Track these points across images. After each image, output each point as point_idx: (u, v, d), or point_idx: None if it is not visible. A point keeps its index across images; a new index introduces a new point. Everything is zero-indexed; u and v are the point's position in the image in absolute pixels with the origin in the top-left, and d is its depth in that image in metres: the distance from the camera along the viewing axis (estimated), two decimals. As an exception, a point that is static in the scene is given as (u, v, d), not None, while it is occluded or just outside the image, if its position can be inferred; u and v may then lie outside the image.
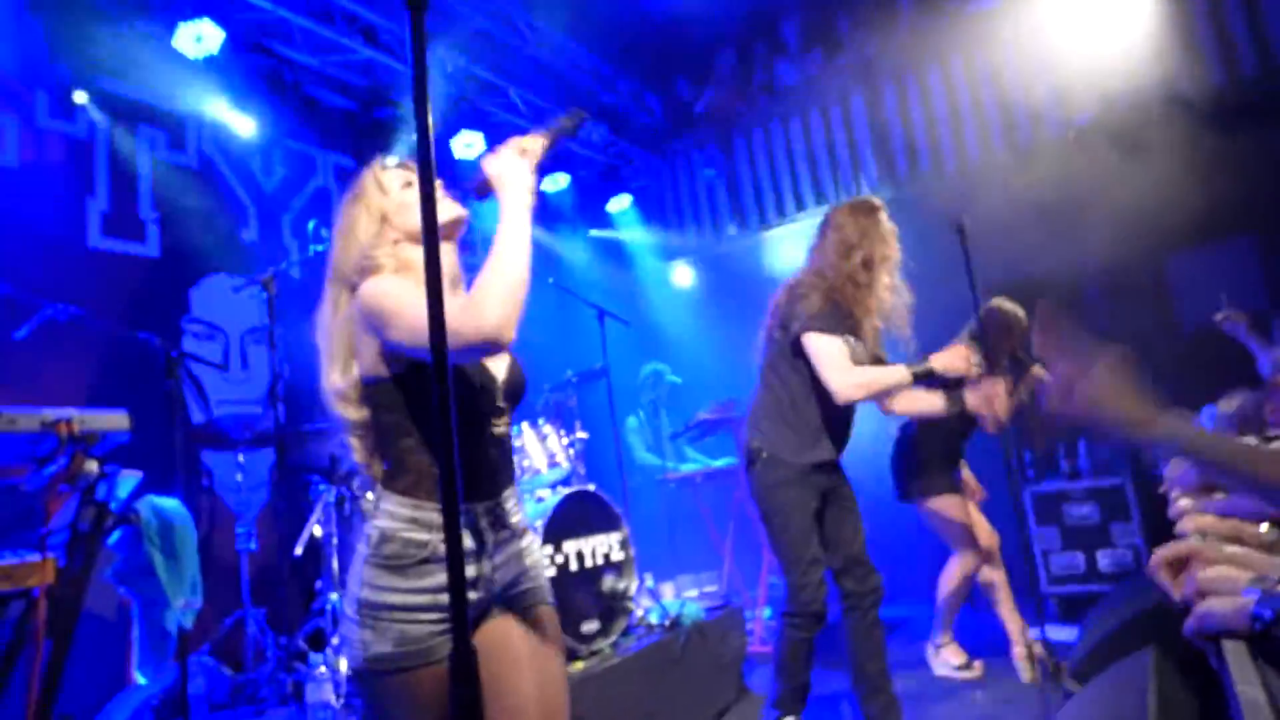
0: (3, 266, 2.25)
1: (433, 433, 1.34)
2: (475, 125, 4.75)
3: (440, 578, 1.33)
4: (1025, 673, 3.45)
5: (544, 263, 5.57)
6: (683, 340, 5.97)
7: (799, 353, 2.65)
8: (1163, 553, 1.49)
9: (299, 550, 3.13)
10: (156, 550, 2.05)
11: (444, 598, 1.33)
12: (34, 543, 1.60)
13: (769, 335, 2.78)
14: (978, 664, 3.63)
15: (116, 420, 1.63)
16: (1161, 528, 2.36)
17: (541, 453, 3.70)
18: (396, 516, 1.37)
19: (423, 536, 1.36)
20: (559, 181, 5.54)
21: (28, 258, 3.41)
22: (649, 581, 3.66)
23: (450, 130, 4.66)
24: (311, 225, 3.77)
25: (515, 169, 1.41)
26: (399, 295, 1.35)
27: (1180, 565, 1.45)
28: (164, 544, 2.06)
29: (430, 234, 0.93)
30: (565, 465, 3.76)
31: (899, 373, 2.59)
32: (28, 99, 3.66)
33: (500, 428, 1.48)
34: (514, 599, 1.49)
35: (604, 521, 3.49)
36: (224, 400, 4.07)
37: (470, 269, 1.48)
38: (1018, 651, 3.52)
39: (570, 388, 4.25)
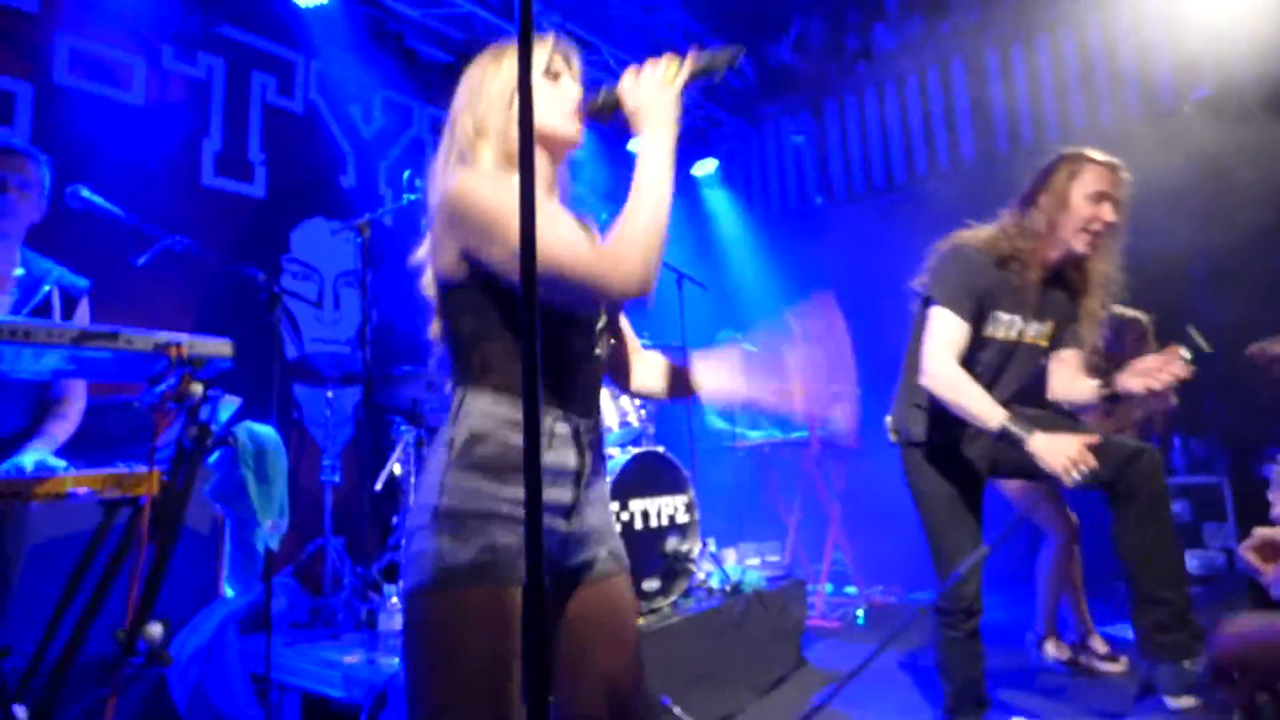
0: (126, 197, 2.39)
1: (511, 330, 1.23)
2: (566, 82, 4.74)
3: (548, 491, 1.21)
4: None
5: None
6: (762, 307, 5.89)
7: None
8: (1259, 533, 1.44)
9: (379, 486, 3.27)
10: (250, 472, 2.17)
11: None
12: (144, 456, 1.71)
13: None
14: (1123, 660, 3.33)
15: (221, 348, 1.71)
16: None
17: (614, 410, 3.74)
18: (492, 416, 1.23)
19: (519, 439, 1.20)
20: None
21: (149, 191, 3.62)
22: (711, 546, 3.68)
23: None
24: (406, 175, 3.87)
25: (661, 98, 1.27)
26: (500, 204, 1.17)
27: (1273, 551, 1.39)
28: (257, 467, 2.18)
29: (527, 198, 0.89)
30: (636, 424, 3.79)
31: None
32: (156, 43, 3.86)
33: (600, 350, 1.36)
34: (591, 559, 1.34)
35: (671, 483, 3.51)
36: (316, 338, 4.26)
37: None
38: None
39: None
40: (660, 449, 3.58)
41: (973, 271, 2.28)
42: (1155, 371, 2.16)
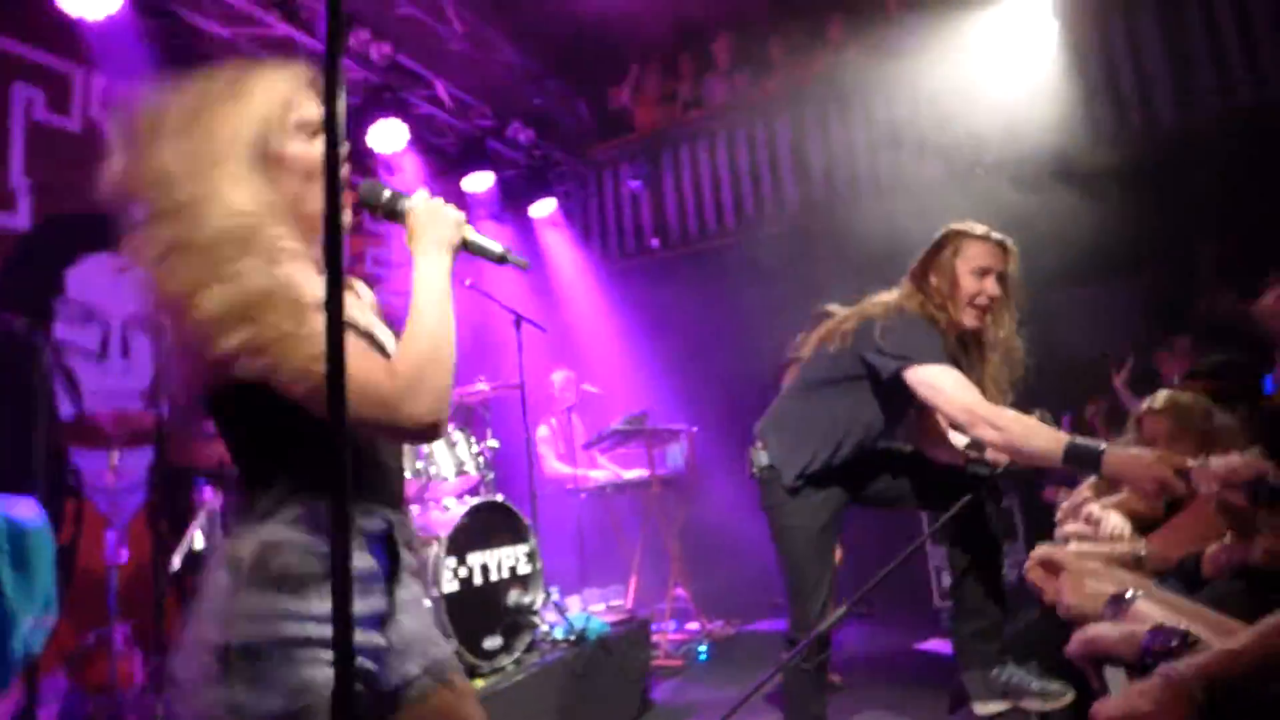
0: None
1: (314, 428, 0.97)
2: (398, 115, 4.55)
3: (359, 603, 1.04)
4: None
5: (461, 261, 5.39)
6: (600, 349, 5.90)
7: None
8: (1038, 553, 1.57)
9: (177, 562, 2.89)
10: (5, 561, 1.83)
11: (358, 630, 1.03)
12: None
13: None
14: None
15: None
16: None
17: (450, 460, 3.57)
18: (285, 518, 1.05)
19: (324, 546, 1.03)
20: (484, 181, 5.39)
21: None
22: (555, 595, 3.58)
23: (369, 118, 4.45)
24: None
25: (446, 227, 1.18)
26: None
27: (1052, 569, 1.52)
28: (14, 554, 1.84)
29: (334, 244, 0.72)
30: (474, 473, 3.64)
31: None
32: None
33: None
34: (420, 674, 1.18)
35: (511, 533, 3.39)
36: (99, 390, 3.73)
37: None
38: None
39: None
40: (499, 498, 3.45)
41: (931, 334, 2.31)
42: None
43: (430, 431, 1.06)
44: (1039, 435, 2.05)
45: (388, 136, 4.56)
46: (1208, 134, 4.62)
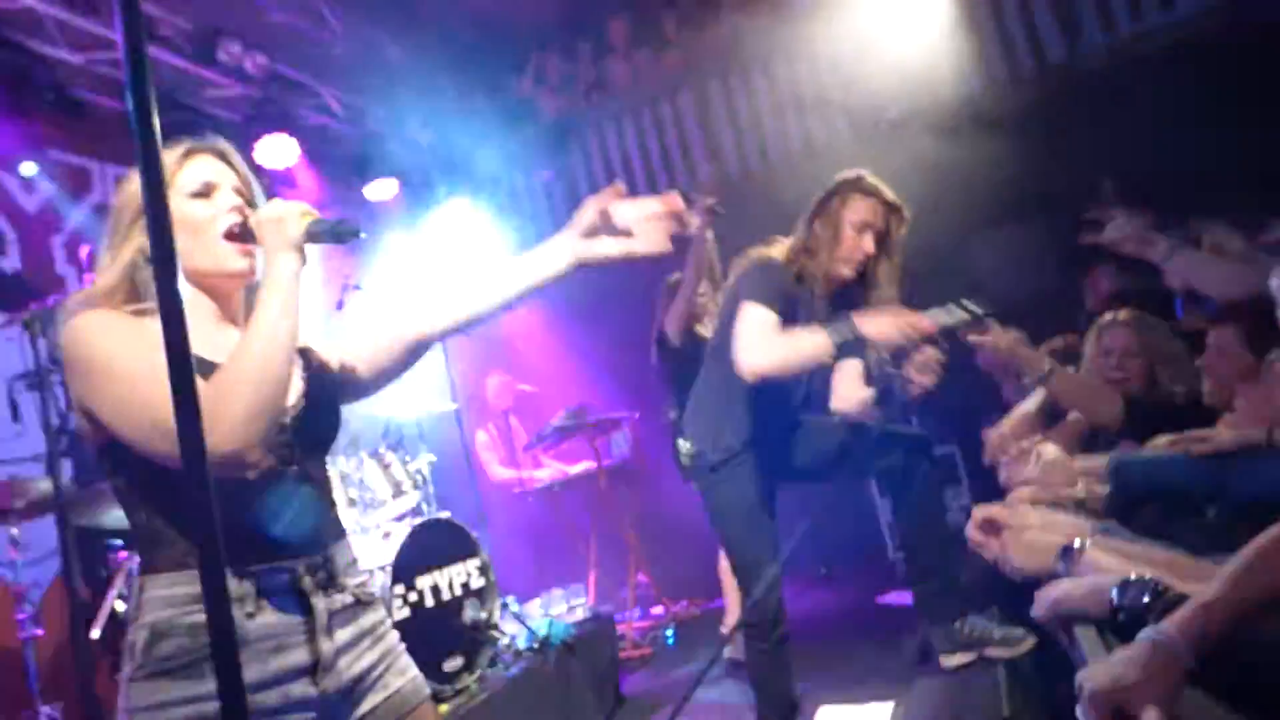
0: None
1: (181, 486, 1.02)
2: (286, 129, 4.32)
3: (246, 671, 1.03)
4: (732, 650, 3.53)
5: (376, 273, 5.21)
6: (531, 348, 5.79)
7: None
8: (979, 513, 1.57)
9: (96, 631, 2.70)
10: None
11: (259, 697, 1.04)
12: None
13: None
14: None
15: None
16: (989, 490, 2.52)
17: (385, 483, 3.45)
18: (172, 601, 1.04)
19: None
20: (388, 189, 5.19)
21: None
22: (513, 605, 3.50)
23: (254, 134, 4.21)
24: (89, 250, 3.27)
25: (290, 221, 1.12)
26: (111, 347, 1.03)
27: (994, 527, 1.53)
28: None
29: (166, 275, 0.69)
30: (413, 493, 3.52)
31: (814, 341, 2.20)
32: None
33: (294, 467, 1.16)
34: (378, 706, 1.19)
35: (459, 549, 3.29)
36: (-7, 460, 3.45)
37: None
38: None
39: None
40: (444, 515, 3.35)
41: (778, 278, 2.35)
42: (924, 364, 2.37)
43: (230, 461, 0.99)
44: (803, 340, 2.20)
45: (278, 152, 4.33)
46: (1096, 69, 4.77)
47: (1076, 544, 1.34)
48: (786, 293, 2.35)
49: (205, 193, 1.17)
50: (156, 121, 0.67)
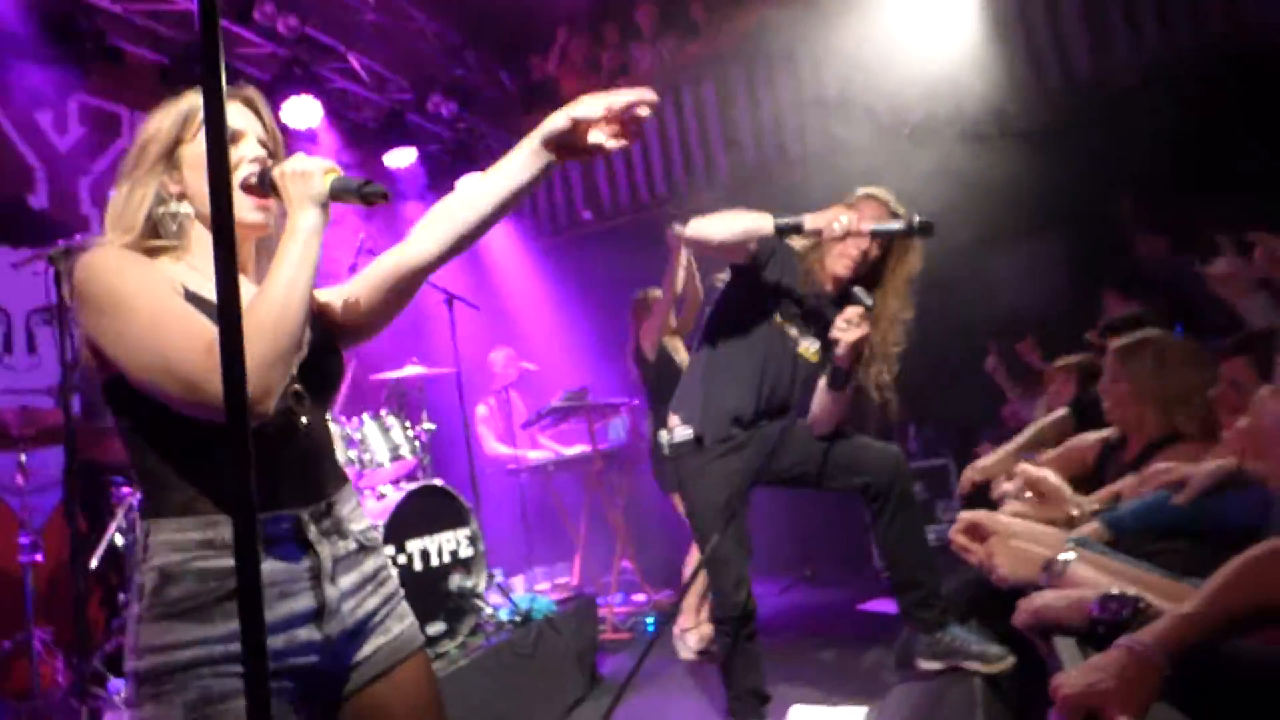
0: None
1: (191, 429, 1.02)
2: (311, 91, 4.37)
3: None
4: (682, 649, 3.72)
5: (391, 240, 5.25)
6: (536, 325, 5.84)
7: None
8: (964, 517, 1.60)
9: (95, 562, 2.78)
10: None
11: (286, 633, 1.09)
12: None
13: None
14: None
15: None
16: (981, 504, 2.55)
17: (384, 445, 3.50)
18: (180, 545, 1.05)
19: (224, 562, 1.05)
20: (406, 157, 5.24)
21: None
22: (498, 577, 3.55)
23: (281, 95, 4.27)
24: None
25: (316, 182, 1.11)
26: (128, 287, 1.03)
27: (978, 533, 1.55)
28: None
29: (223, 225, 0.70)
30: (410, 458, 3.57)
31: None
32: None
33: (303, 416, 1.16)
34: (379, 648, 1.21)
35: (451, 517, 3.34)
36: (7, 390, 3.53)
37: None
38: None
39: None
40: (438, 482, 3.40)
41: (786, 252, 2.48)
42: (844, 331, 2.35)
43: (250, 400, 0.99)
44: (744, 216, 2.34)
45: (302, 113, 4.38)
46: (1123, 87, 4.76)
47: (1061, 558, 1.37)
48: (792, 276, 2.46)
49: (231, 139, 1.17)
50: (224, 80, 0.69)
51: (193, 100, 1.20)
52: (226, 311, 0.69)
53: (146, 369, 0.99)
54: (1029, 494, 2.18)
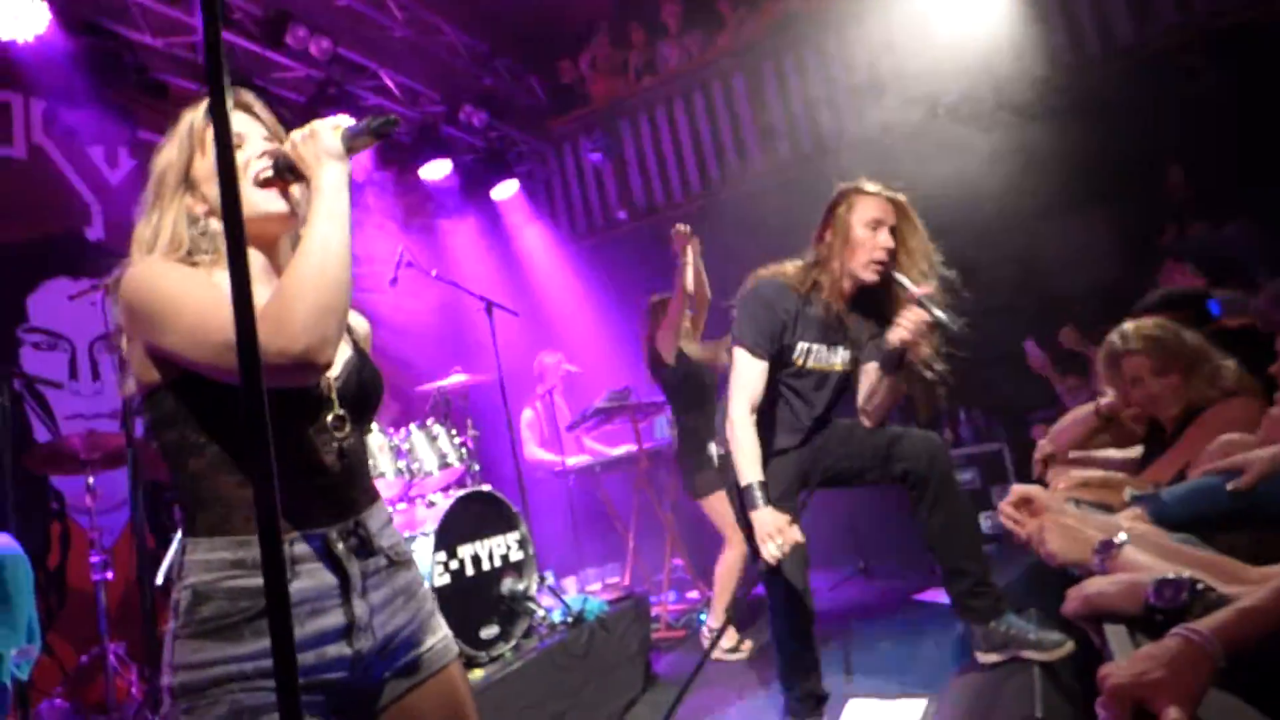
0: None
1: (233, 446, 1.08)
2: (345, 110, 4.48)
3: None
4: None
5: (430, 252, 5.35)
6: (575, 328, 5.87)
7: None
8: (1017, 490, 1.55)
9: (160, 578, 2.88)
10: (-18, 596, 1.82)
11: (316, 650, 1.10)
12: None
13: None
14: (747, 644, 3.78)
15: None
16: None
17: (432, 454, 3.56)
18: (213, 565, 1.07)
19: (254, 582, 1.06)
20: (441, 169, 5.32)
21: None
22: (549, 579, 3.58)
23: (316, 114, 4.36)
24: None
25: (327, 138, 1.12)
26: (174, 284, 1.07)
27: (1030, 508, 1.51)
28: (-9, 588, 1.83)
29: (234, 234, 0.75)
30: (458, 465, 3.63)
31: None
32: None
33: (342, 440, 1.18)
34: (411, 661, 1.22)
35: (500, 521, 3.38)
36: (75, 416, 3.70)
37: None
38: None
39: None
40: (486, 487, 3.44)
41: (769, 312, 2.41)
42: (905, 322, 2.30)
43: (302, 361, 1.01)
44: (744, 459, 2.32)
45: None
46: (1166, 57, 4.58)
47: (1116, 539, 1.32)
48: (780, 322, 2.40)
49: (236, 144, 1.16)
50: (230, 102, 0.74)
51: (191, 118, 1.23)
52: (240, 306, 0.75)
53: (210, 349, 1.02)
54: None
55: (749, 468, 2.31)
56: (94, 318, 3.84)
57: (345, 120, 1.15)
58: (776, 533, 2.19)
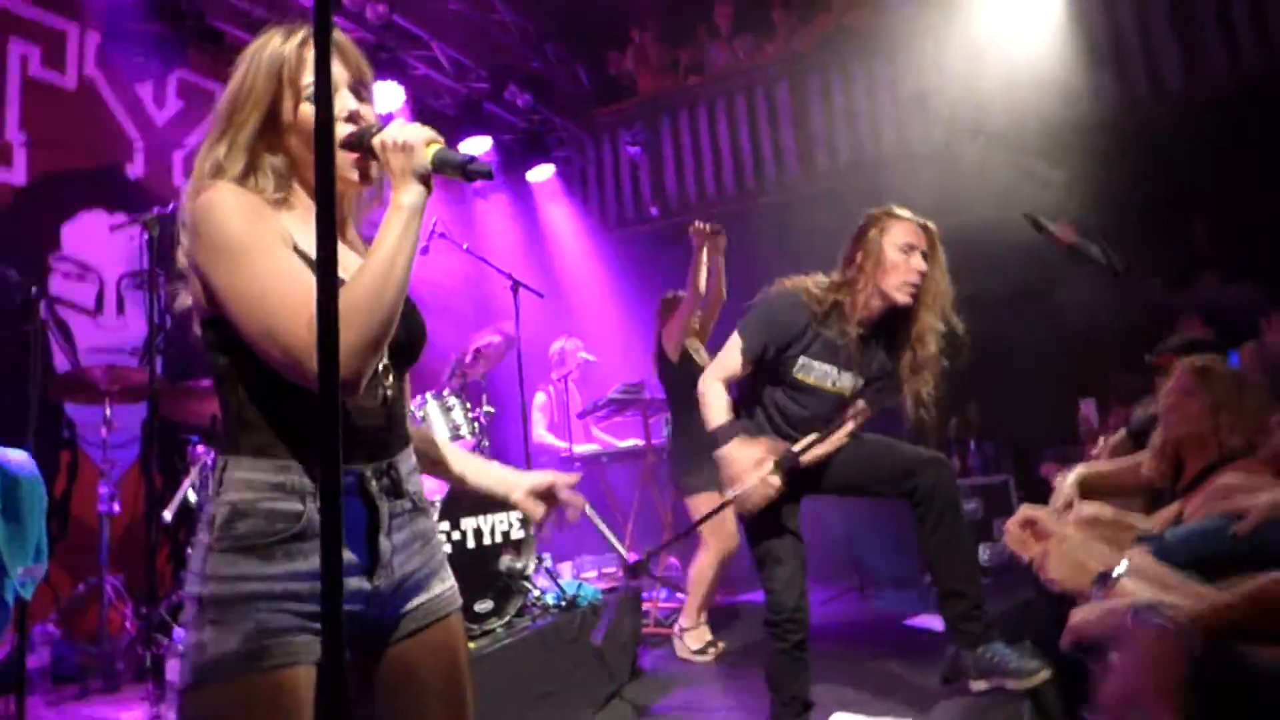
0: None
1: (280, 379, 1.06)
2: (394, 76, 4.50)
3: (309, 560, 1.07)
4: (680, 648, 3.83)
5: (460, 226, 5.37)
6: (597, 317, 5.88)
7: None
8: (1024, 512, 1.56)
9: (168, 515, 2.90)
10: (-3, 510, 1.83)
11: (317, 585, 1.05)
12: None
13: None
14: (719, 645, 3.84)
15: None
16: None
17: (444, 424, 3.57)
18: (254, 485, 1.09)
19: (292, 506, 1.08)
20: (481, 145, 5.34)
21: None
22: (547, 562, 3.59)
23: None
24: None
25: (418, 149, 1.08)
26: (243, 232, 1.05)
27: (1035, 532, 1.51)
28: (5, 504, 1.84)
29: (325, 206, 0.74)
30: (469, 438, 3.64)
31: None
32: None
33: (386, 387, 1.18)
34: (419, 604, 1.24)
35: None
36: (96, 348, 3.73)
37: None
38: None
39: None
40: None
41: (774, 323, 2.43)
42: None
43: (342, 373, 0.98)
44: (713, 409, 2.37)
45: (384, 97, 4.51)
46: (1215, 103, 4.56)
47: (1115, 571, 1.33)
48: (783, 332, 2.41)
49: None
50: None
51: (282, 49, 1.18)
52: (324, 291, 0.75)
53: (252, 330, 1.04)
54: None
55: (718, 416, 2.36)
56: (127, 253, 3.86)
57: (439, 139, 1.12)
58: (752, 467, 2.21)
